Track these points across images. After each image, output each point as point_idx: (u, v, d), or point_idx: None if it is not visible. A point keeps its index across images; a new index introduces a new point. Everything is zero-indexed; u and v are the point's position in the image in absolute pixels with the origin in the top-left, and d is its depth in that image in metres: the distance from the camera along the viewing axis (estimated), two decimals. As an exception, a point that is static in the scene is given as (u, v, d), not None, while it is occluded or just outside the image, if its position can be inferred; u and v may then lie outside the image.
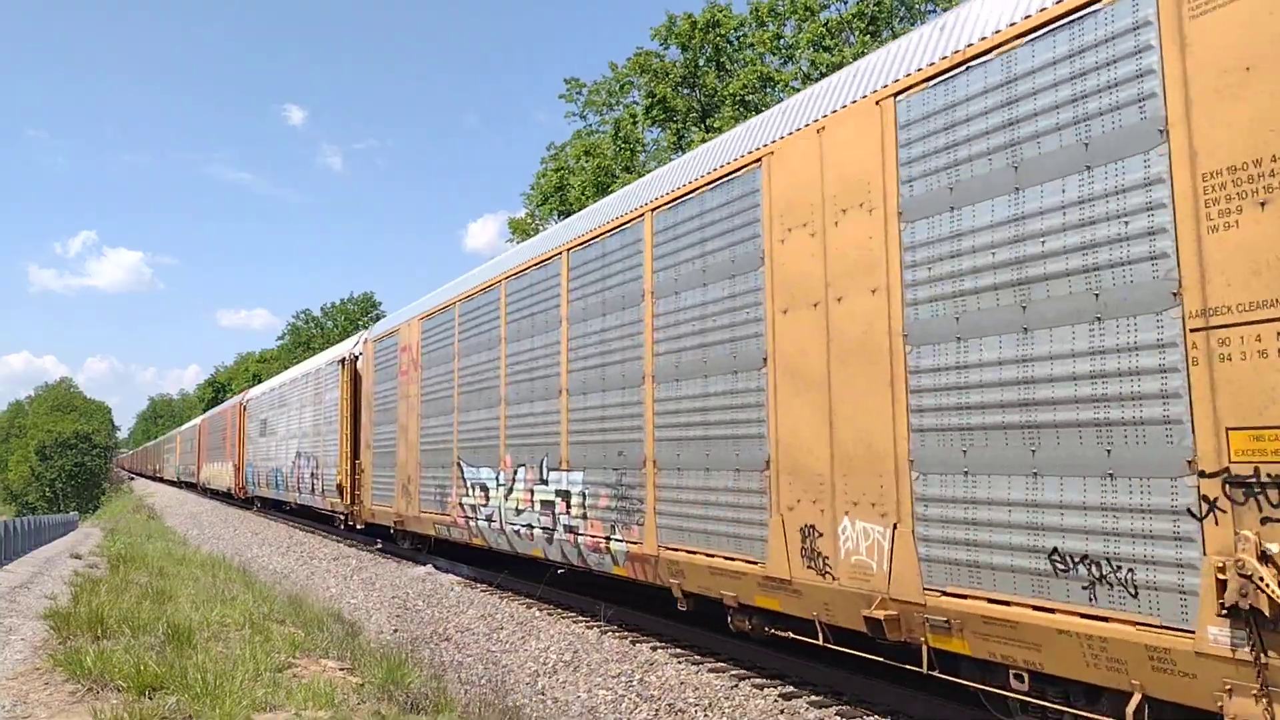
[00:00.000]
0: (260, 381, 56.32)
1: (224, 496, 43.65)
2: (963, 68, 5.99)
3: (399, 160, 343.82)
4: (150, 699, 6.18)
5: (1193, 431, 4.60)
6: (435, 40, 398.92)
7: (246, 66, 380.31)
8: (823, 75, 24.93)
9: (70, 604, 9.87)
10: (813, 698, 7.69)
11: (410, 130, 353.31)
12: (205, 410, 78.38)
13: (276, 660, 7.56)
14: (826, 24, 27.02)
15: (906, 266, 6.28)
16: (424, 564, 17.15)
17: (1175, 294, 4.71)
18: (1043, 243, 5.39)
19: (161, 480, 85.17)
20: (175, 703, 6.03)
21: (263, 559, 20.48)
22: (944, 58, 6.16)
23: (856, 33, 26.50)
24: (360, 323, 73.56)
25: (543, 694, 8.60)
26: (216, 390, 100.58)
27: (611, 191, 28.61)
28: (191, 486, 59.99)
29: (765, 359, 7.66)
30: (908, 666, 6.61)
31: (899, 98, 6.45)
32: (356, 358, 21.04)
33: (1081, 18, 5.28)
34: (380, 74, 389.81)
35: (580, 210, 14.95)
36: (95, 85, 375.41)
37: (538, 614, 11.93)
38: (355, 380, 20.91)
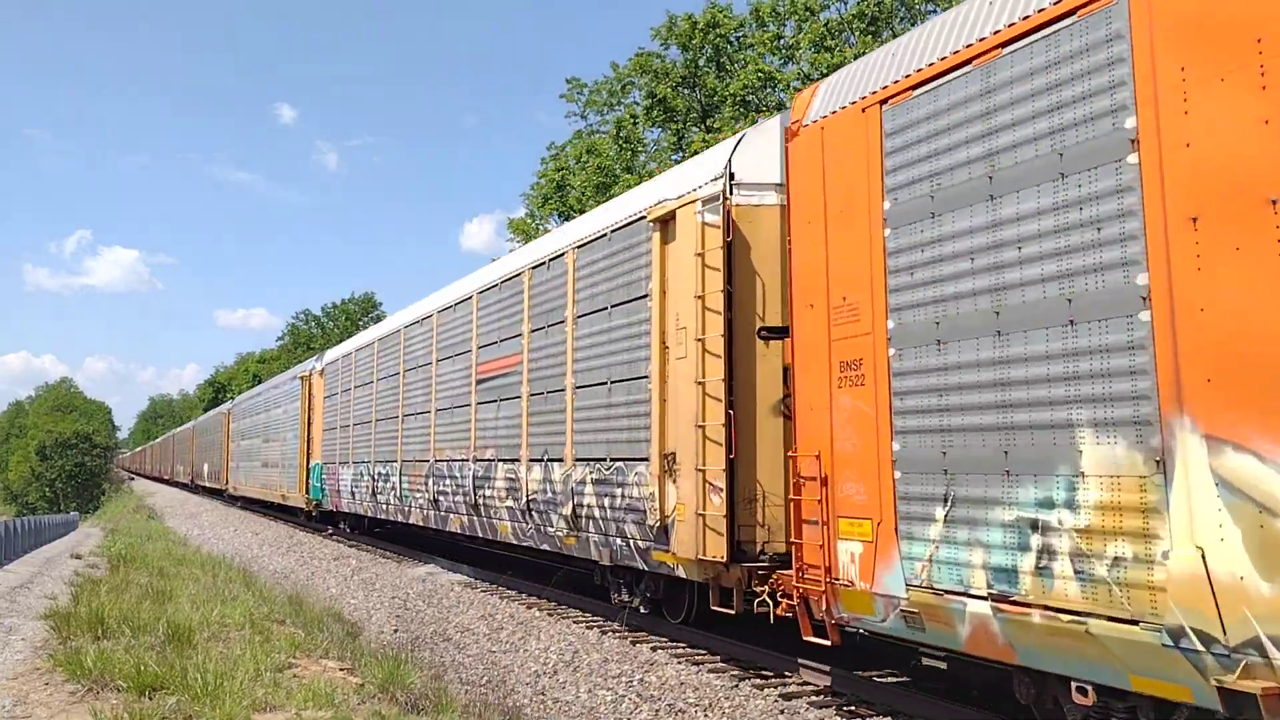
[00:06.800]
0: (261, 381, 47.62)
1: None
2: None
3: (398, 159, 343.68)
4: (150, 699, 6.19)
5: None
6: (435, 40, 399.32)
7: (246, 67, 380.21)
8: (823, 75, 24.91)
9: (70, 604, 9.87)
10: (813, 698, 7.69)
11: (409, 130, 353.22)
12: (206, 409, 74.56)
13: (276, 660, 7.56)
14: (827, 24, 26.99)
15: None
16: (424, 564, 17.16)
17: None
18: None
19: (216, 493, 45.35)
20: (175, 703, 6.03)
21: (263, 559, 20.49)
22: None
23: (856, 33, 26.47)
24: (361, 323, 73.21)
25: (543, 694, 8.59)
26: (216, 390, 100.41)
27: (612, 193, 28.56)
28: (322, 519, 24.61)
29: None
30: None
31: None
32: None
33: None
34: (380, 74, 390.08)
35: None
36: (95, 85, 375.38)
37: (538, 614, 11.93)
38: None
